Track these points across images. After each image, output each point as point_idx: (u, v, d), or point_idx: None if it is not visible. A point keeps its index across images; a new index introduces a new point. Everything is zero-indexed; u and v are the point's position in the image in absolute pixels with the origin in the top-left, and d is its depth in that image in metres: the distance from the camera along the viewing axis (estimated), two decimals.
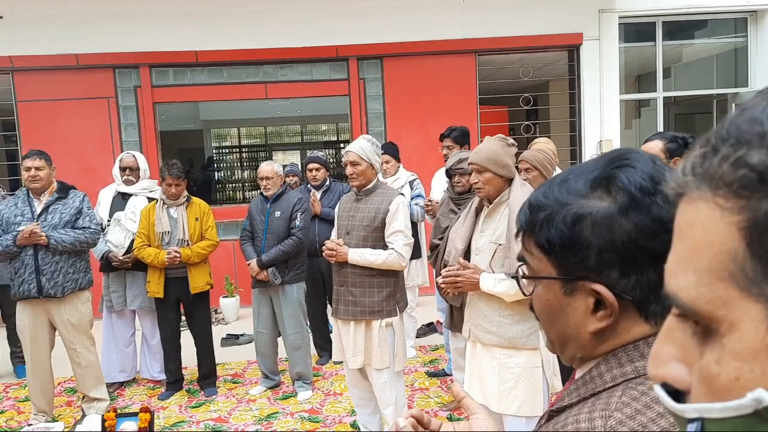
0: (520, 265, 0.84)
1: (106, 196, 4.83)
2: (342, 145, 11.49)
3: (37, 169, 3.93)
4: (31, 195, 4.01)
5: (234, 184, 11.66)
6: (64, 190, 4.09)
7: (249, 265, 4.44)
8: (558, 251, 0.76)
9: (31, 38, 6.23)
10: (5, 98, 6.54)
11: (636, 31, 7.27)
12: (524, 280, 0.84)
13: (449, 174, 3.75)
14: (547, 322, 0.83)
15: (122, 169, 4.76)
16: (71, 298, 3.99)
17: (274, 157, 11.37)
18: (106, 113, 6.55)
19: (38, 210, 3.96)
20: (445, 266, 3.40)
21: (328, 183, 5.14)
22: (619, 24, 6.91)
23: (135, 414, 3.44)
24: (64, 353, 4.16)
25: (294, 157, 11.41)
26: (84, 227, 4.02)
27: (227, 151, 12.01)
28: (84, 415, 4.05)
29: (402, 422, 0.97)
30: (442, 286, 2.83)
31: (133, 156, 4.86)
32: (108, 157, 6.26)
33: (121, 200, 4.74)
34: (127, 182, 4.75)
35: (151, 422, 3.39)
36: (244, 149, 11.99)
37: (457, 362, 3.98)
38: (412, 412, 0.98)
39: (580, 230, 0.74)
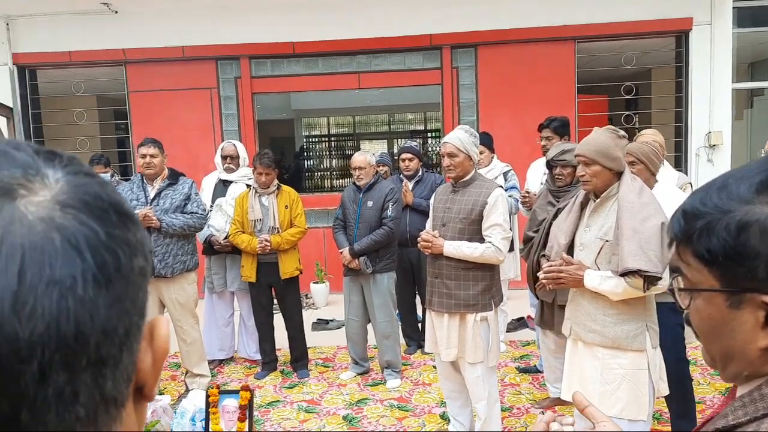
0: (674, 277, 0.80)
1: (208, 183, 5.07)
2: (430, 135, 11.46)
3: (151, 156, 4.17)
4: (144, 180, 4.27)
5: (322, 173, 11.89)
6: (174, 176, 4.32)
7: (341, 253, 4.52)
8: (721, 262, 0.72)
9: (143, 32, 6.60)
10: (118, 89, 6.98)
11: (751, 15, 6.76)
12: (679, 293, 0.79)
13: (549, 165, 3.65)
14: (709, 337, 0.78)
15: (224, 158, 4.97)
16: (179, 278, 4.23)
17: (361, 147, 11.51)
18: (209, 103, 6.85)
19: (151, 195, 4.22)
20: (540, 261, 3.34)
21: (420, 173, 5.14)
22: (734, 8, 6.45)
23: (236, 392, 3.58)
24: (171, 331, 4.40)
25: (381, 147, 11.50)
26: (192, 212, 4.24)
27: (316, 140, 12.25)
28: (188, 390, 4.28)
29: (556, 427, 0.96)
30: (543, 281, 2.77)
31: (234, 145, 5.06)
32: (209, 146, 6.55)
33: (222, 187, 4.95)
34: (228, 170, 4.96)
35: (251, 401, 3.53)
36: (332, 138, 12.20)
37: (548, 362, 3.89)
38: (545, 419, 0.96)
39: (746, 239, 0.69)
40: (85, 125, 7.20)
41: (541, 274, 2.81)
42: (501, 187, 3.38)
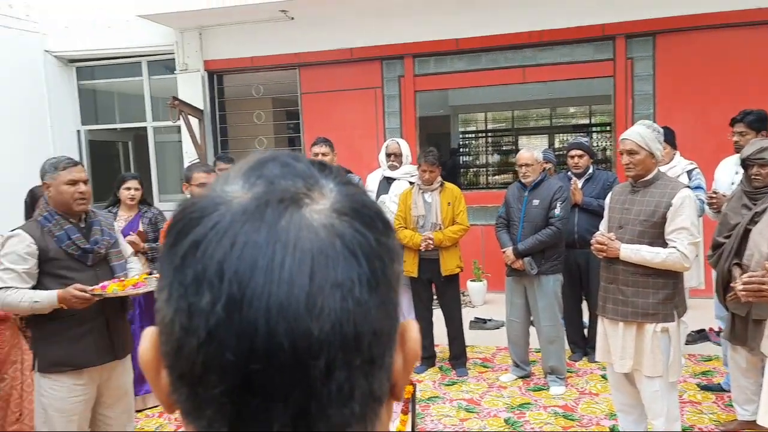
0: None
1: (372, 181, 5.24)
2: (595, 129, 10.86)
3: (323, 154, 4.40)
4: None
5: (478, 169, 11.78)
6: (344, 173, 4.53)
7: (504, 252, 4.43)
8: None
9: (315, 36, 6.98)
10: (291, 91, 7.46)
11: None
12: None
13: (745, 164, 3.28)
14: None
15: (388, 155, 5.11)
16: None
17: (520, 142, 11.22)
18: (373, 102, 7.07)
19: None
20: (732, 270, 3.01)
21: (591, 171, 4.88)
22: None
23: None
24: None
25: (541, 142, 11.12)
26: None
27: (473, 136, 12.16)
28: None
29: None
30: (741, 293, 2.49)
31: (398, 143, 5.18)
32: (372, 144, 6.77)
33: (386, 184, 5.09)
34: (392, 167, 5.09)
35: (413, 394, 3.59)
36: (490, 134, 12.03)
37: (737, 381, 3.49)
38: None
39: None
40: (262, 125, 7.78)
41: (738, 285, 2.53)
42: (689, 187, 3.10)
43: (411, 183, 4.98)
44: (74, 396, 2.84)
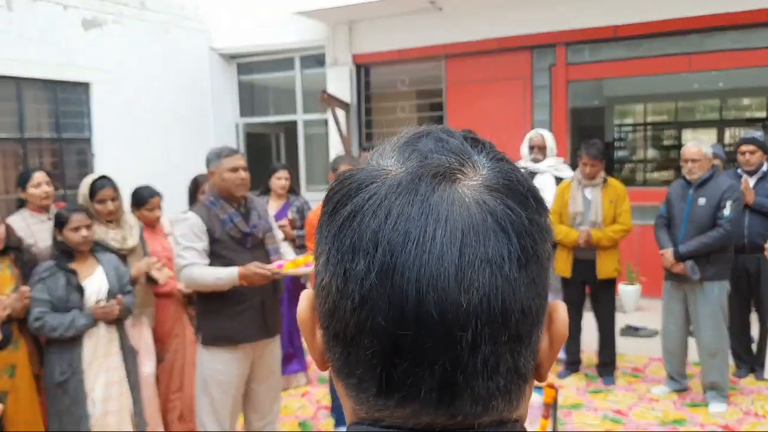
0: None
1: None
2: None
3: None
4: None
5: (635, 164, 11.05)
6: None
7: (663, 254, 4.08)
8: None
9: (462, 27, 6.89)
10: (436, 82, 7.43)
11: None
12: None
13: None
14: None
15: (530, 148, 4.92)
16: None
17: (683, 136, 10.33)
18: (521, 93, 6.84)
19: None
20: None
21: (764, 168, 4.36)
22: None
23: (539, 387, 3.52)
24: None
25: (708, 136, 10.14)
26: None
27: (630, 129, 11.42)
28: None
29: None
30: None
31: (541, 135, 4.97)
32: (519, 136, 6.51)
33: (528, 178, 4.90)
34: (534, 160, 4.89)
35: (555, 399, 3.43)
36: (648, 127, 11.22)
37: None
38: None
39: None
40: (405, 117, 7.84)
41: None
42: None
43: (557, 178, 4.75)
44: (231, 369, 3.04)
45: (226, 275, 2.88)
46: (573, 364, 4.63)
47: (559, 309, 0.49)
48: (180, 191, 4.37)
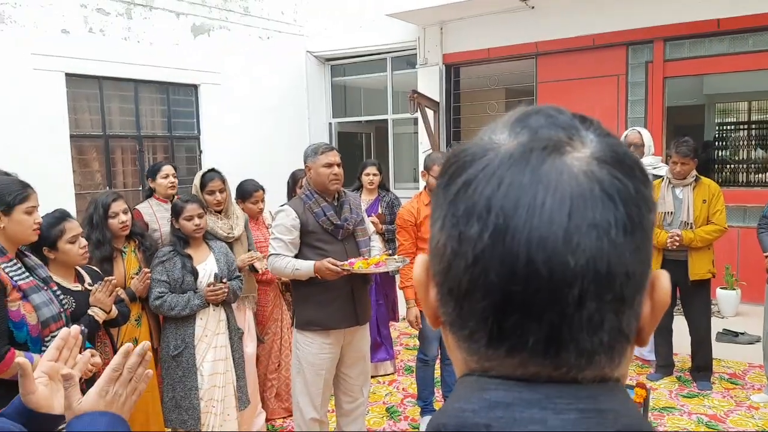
0: None
1: None
2: None
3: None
4: None
5: (736, 165, 10.42)
6: None
7: (767, 257, 3.90)
8: None
9: (555, 24, 6.82)
10: (527, 81, 7.39)
11: None
12: None
13: None
14: None
15: (628, 146, 4.81)
16: None
17: None
18: (615, 90, 6.69)
19: None
20: None
21: None
22: None
23: (631, 387, 3.48)
24: None
25: None
26: None
27: (732, 127, 10.78)
28: None
29: None
30: None
31: (639, 132, 4.85)
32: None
33: None
34: None
35: (646, 399, 3.38)
36: (753, 126, 10.55)
37: None
38: None
39: None
40: (495, 116, 7.82)
41: None
42: None
43: (655, 176, 4.63)
44: (323, 353, 3.23)
45: (304, 267, 3.08)
46: (665, 367, 4.51)
47: (662, 277, 0.50)
48: (279, 186, 4.64)
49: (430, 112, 7.55)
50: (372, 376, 4.43)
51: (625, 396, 0.49)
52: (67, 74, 5.99)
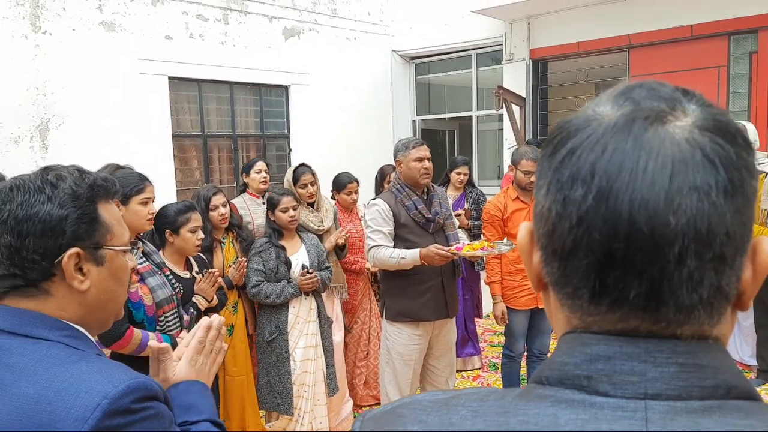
0: None
1: None
2: None
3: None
4: None
5: None
6: None
7: None
8: None
9: (649, 15, 6.56)
10: (618, 75, 7.15)
11: None
12: None
13: None
14: None
15: None
16: None
17: None
18: (714, 83, 6.36)
19: None
20: None
21: None
22: None
23: None
24: None
25: None
26: None
27: None
28: None
29: None
30: None
31: (743, 126, 4.59)
32: None
33: None
34: None
35: None
36: None
37: None
38: None
39: None
40: None
41: None
42: None
43: (764, 172, 4.38)
44: (412, 344, 3.30)
45: (409, 255, 3.12)
46: (766, 372, 4.27)
47: (764, 243, 0.51)
48: (365, 182, 4.76)
49: (516, 108, 7.47)
50: (458, 371, 4.47)
51: (724, 353, 0.51)
52: (170, 78, 6.39)
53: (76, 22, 5.66)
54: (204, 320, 1.20)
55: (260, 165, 4.28)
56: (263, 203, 3.95)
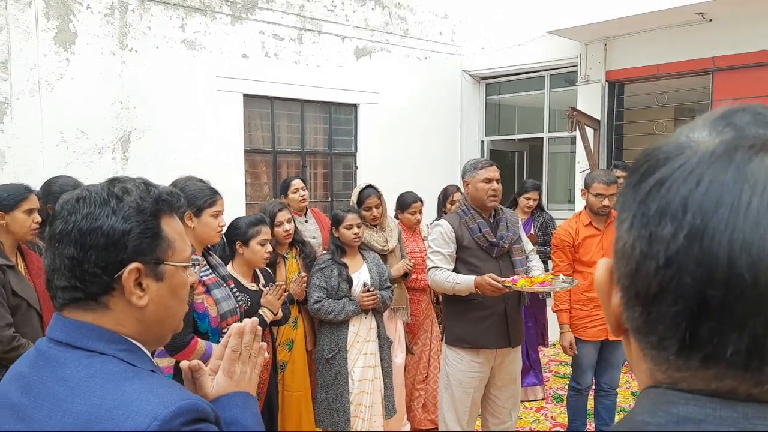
0: None
1: None
2: None
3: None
4: None
5: None
6: None
7: None
8: None
9: (735, 37, 6.26)
10: (700, 98, 6.85)
11: None
12: None
13: None
14: None
15: None
16: None
17: None
18: None
19: None
20: None
21: None
22: None
23: None
24: None
25: None
26: None
27: None
28: None
29: None
30: None
31: None
32: None
33: None
34: None
35: None
36: None
37: None
38: None
39: None
40: (661, 136, 7.32)
41: None
42: None
43: None
44: (472, 371, 3.20)
45: (464, 281, 3.02)
46: None
47: None
48: (429, 202, 4.71)
49: (589, 131, 7.25)
50: (521, 401, 4.31)
51: None
52: (244, 95, 6.58)
53: (160, 41, 5.93)
54: (234, 327, 1.14)
55: (297, 183, 4.20)
56: (305, 221, 3.96)
